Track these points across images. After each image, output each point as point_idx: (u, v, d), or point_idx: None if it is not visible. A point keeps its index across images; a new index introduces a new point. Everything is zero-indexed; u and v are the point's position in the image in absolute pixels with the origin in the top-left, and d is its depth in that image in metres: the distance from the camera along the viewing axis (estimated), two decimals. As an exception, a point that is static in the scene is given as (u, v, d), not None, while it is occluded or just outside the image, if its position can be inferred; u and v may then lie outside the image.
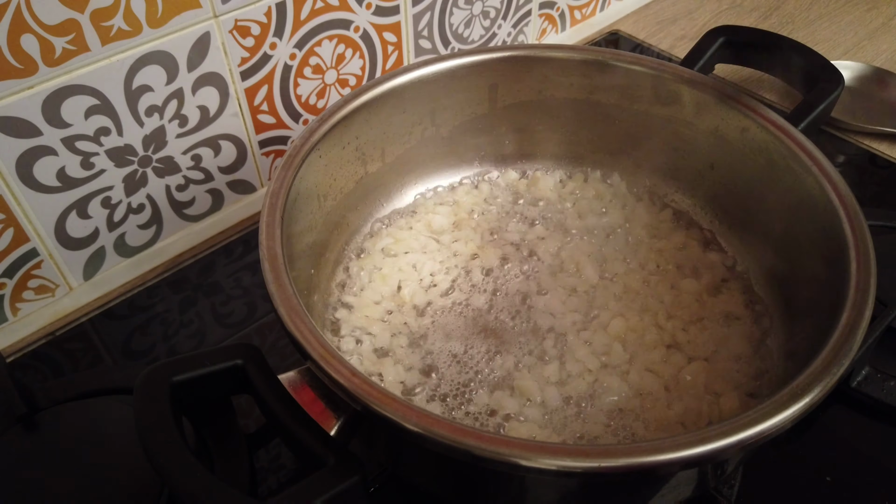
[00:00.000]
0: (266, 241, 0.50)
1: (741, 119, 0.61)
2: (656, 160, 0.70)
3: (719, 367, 0.57)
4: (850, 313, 0.45)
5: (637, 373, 0.57)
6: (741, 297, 0.62)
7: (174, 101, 0.68)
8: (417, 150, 0.69)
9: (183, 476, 0.39)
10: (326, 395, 0.44)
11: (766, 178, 0.60)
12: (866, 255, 0.48)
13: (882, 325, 0.60)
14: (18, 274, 0.67)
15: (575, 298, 0.63)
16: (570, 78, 0.68)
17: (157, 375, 0.43)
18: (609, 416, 0.54)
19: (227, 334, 0.69)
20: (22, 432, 0.56)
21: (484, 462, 0.38)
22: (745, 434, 0.38)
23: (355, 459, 0.41)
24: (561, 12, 1.03)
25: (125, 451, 0.54)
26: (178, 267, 0.75)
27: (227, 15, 0.67)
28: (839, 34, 1.07)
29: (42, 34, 0.57)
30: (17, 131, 0.60)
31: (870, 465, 0.58)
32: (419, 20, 0.84)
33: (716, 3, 1.15)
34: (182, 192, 0.75)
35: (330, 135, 0.59)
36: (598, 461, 0.37)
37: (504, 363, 0.58)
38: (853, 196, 0.52)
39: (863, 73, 0.96)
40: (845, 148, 0.88)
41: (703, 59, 0.68)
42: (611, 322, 0.60)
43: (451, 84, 0.66)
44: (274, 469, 0.58)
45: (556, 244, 0.67)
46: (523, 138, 0.73)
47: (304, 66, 0.76)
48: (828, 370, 0.42)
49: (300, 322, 0.44)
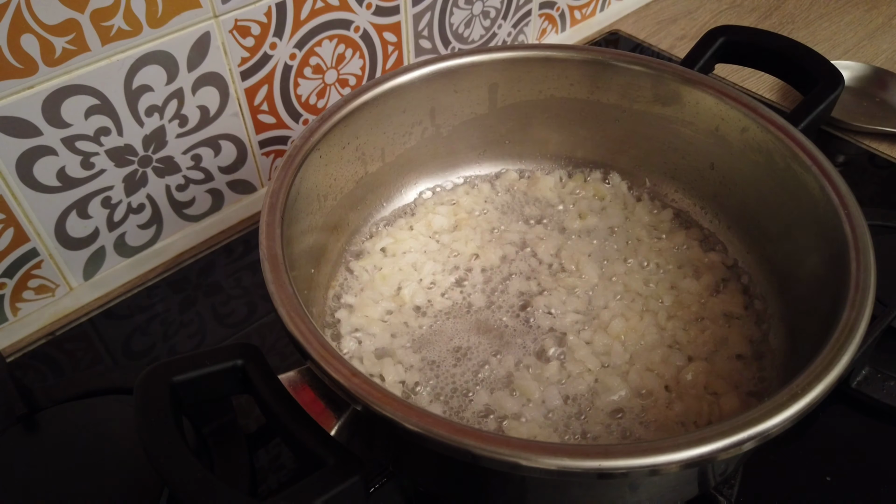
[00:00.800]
0: (266, 240, 0.50)
1: (741, 119, 0.61)
2: (656, 160, 0.70)
3: (719, 367, 0.57)
4: (849, 313, 0.45)
5: (637, 373, 0.57)
6: (741, 297, 0.62)
7: (174, 100, 0.68)
8: (417, 150, 0.69)
9: (183, 476, 0.39)
10: (326, 394, 0.44)
11: (766, 177, 0.60)
12: (866, 255, 0.48)
13: (882, 325, 0.60)
14: (18, 274, 0.67)
15: (575, 298, 0.63)
16: (571, 78, 0.68)
17: (157, 375, 0.43)
18: (609, 416, 0.54)
19: (228, 334, 0.69)
20: (22, 432, 0.56)
21: (484, 462, 0.38)
22: (745, 434, 0.38)
23: (355, 459, 0.41)
24: (561, 12, 1.03)
25: (125, 451, 0.54)
26: (179, 267, 0.75)
27: (228, 15, 0.67)
28: (839, 34, 1.07)
29: (42, 34, 0.57)
30: (18, 131, 0.60)
31: (870, 465, 0.58)
32: (419, 20, 0.84)
33: (716, 3, 1.15)
34: (182, 192, 0.75)
35: (330, 135, 0.59)
36: (598, 461, 0.37)
37: (504, 363, 0.58)
38: (853, 196, 0.52)
39: (863, 73, 0.96)
40: (845, 148, 0.88)
41: (703, 58, 0.68)
42: (611, 322, 0.60)
43: (451, 84, 0.66)
44: (274, 469, 0.58)
45: (556, 244, 0.67)
46: (523, 138, 0.73)
47: (305, 65, 0.76)
48: (828, 370, 0.41)
49: (300, 322, 0.44)
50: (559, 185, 0.73)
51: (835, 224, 0.51)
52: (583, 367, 0.57)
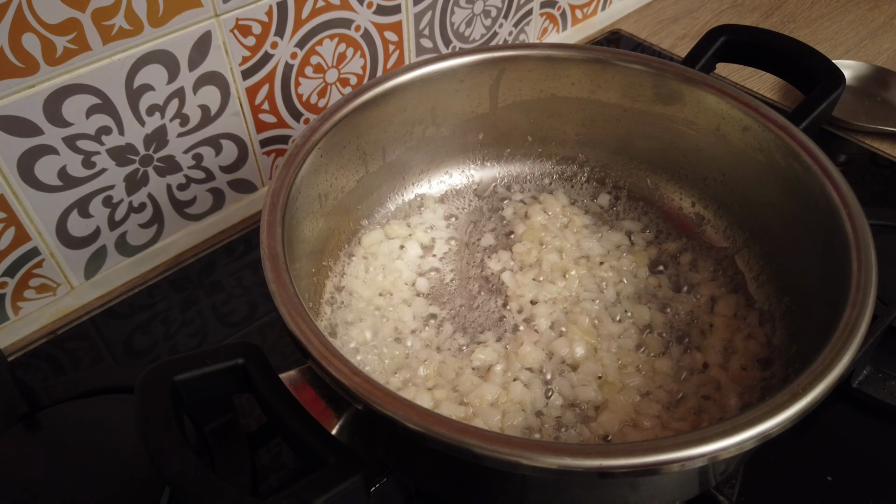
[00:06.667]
0: (267, 239, 0.50)
1: (742, 118, 0.61)
2: (657, 159, 0.70)
3: (722, 368, 0.57)
4: (850, 312, 0.45)
5: (638, 373, 0.57)
6: (743, 298, 0.62)
7: (175, 100, 0.68)
8: (418, 149, 0.69)
9: (184, 474, 0.39)
10: (327, 393, 0.44)
11: (768, 177, 0.60)
12: (867, 255, 0.48)
13: (883, 325, 0.60)
14: (20, 273, 0.67)
15: (579, 298, 0.63)
16: (572, 77, 0.68)
17: (158, 374, 0.43)
18: (609, 416, 0.54)
19: (229, 333, 0.69)
20: (23, 431, 0.56)
21: (485, 461, 0.38)
22: (745, 434, 0.38)
23: (356, 458, 0.41)
24: (562, 11, 1.03)
25: (126, 449, 0.54)
26: (180, 266, 0.75)
27: (229, 14, 0.67)
28: (840, 33, 1.07)
29: (43, 33, 0.57)
30: (19, 130, 0.60)
31: (870, 464, 0.58)
32: (420, 19, 0.84)
33: (717, 3, 1.15)
34: (183, 192, 0.75)
35: (331, 134, 0.59)
36: (598, 461, 0.37)
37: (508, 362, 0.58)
38: (854, 195, 0.52)
39: (864, 72, 0.96)
40: (846, 147, 0.88)
41: (704, 58, 0.68)
42: (613, 322, 0.60)
43: (451, 83, 0.66)
44: (275, 468, 0.58)
45: (558, 243, 0.67)
46: (524, 138, 0.73)
47: (306, 65, 0.76)
48: (829, 370, 0.41)
49: (301, 321, 0.44)
50: (560, 184, 0.73)
51: (836, 223, 0.51)
52: (585, 368, 0.57)
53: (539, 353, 0.58)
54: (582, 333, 0.59)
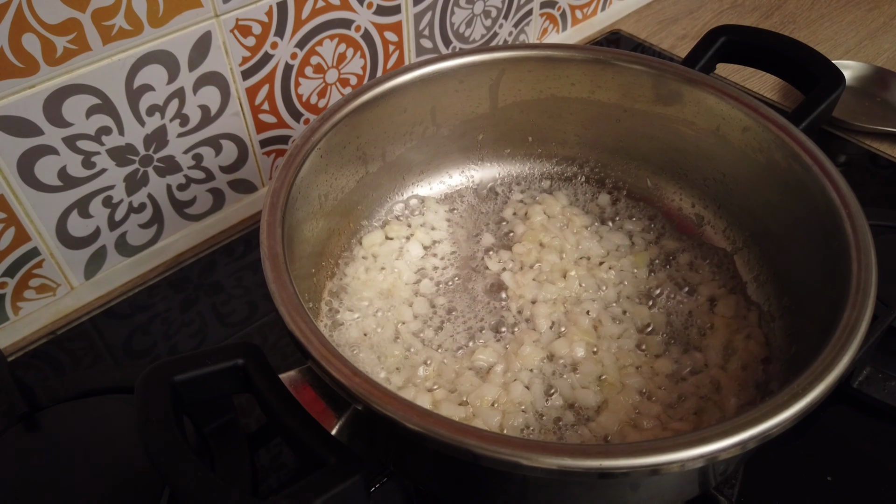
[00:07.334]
0: (267, 240, 0.50)
1: (742, 118, 0.61)
2: (657, 160, 0.70)
3: (722, 369, 0.57)
4: (850, 313, 0.45)
5: (639, 374, 0.57)
6: (743, 299, 0.62)
7: (175, 100, 0.68)
8: (418, 150, 0.69)
9: (184, 475, 0.39)
10: (327, 394, 0.44)
11: (768, 177, 0.60)
12: (867, 255, 0.48)
13: (883, 326, 0.60)
14: (20, 273, 0.67)
15: (579, 298, 0.63)
16: (572, 77, 0.68)
17: (158, 374, 0.43)
18: (609, 416, 0.54)
19: (228, 333, 0.69)
20: (23, 431, 0.56)
21: (485, 461, 0.38)
22: (745, 434, 0.38)
23: (356, 459, 0.41)
24: (562, 12, 1.03)
25: (126, 450, 0.55)
26: (179, 266, 0.75)
27: (229, 14, 0.67)
28: (840, 34, 1.07)
29: (43, 33, 0.57)
30: (19, 130, 0.60)
31: (870, 465, 0.58)
32: (420, 20, 0.84)
33: (717, 3, 1.15)
34: (183, 192, 0.75)
35: (331, 134, 0.59)
36: (598, 461, 0.37)
37: (508, 362, 0.58)
38: (854, 196, 0.52)
39: (864, 72, 0.96)
40: (846, 148, 0.88)
41: (704, 58, 0.68)
42: (613, 322, 0.60)
43: (451, 84, 0.66)
44: (275, 468, 0.58)
45: (558, 243, 0.67)
46: (524, 138, 0.73)
47: (305, 65, 0.76)
48: (828, 370, 0.41)
49: (301, 321, 0.44)
50: (560, 185, 0.73)
51: (836, 224, 0.51)
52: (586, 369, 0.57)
53: (539, 353, 0.58)
54: (582, 334, 0.59)
